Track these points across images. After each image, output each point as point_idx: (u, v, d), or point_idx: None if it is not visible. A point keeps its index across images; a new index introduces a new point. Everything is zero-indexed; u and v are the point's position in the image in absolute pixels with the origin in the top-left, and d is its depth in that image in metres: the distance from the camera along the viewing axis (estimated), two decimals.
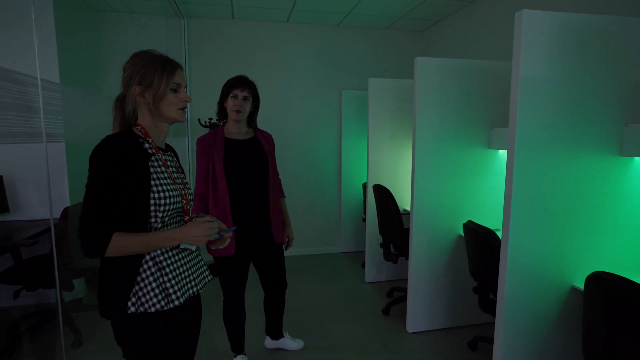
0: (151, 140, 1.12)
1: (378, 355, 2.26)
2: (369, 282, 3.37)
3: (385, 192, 2.67)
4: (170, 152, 1.24)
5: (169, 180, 1.12)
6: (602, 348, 1.27)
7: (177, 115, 1.13)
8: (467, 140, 2.40)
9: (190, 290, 1.17)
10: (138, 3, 3.27)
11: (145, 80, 1.07)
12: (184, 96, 1.13)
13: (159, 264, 1.08)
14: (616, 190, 1.59)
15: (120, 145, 1.02)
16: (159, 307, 1.06)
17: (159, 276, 1.08)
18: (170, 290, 1.09)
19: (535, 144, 1.50)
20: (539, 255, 1.56)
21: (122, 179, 1.00)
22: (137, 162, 1.04)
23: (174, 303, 1.09)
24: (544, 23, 1.42)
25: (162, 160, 1.13)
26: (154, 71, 1.07)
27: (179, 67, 1.13)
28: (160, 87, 1.08)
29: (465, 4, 3.25)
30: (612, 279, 1.20)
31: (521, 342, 1.61)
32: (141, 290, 1.05)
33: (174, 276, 1.11)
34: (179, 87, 1.12)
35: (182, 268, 1.16)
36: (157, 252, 1.08)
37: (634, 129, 1.53)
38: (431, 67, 2.30)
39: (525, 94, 1.45)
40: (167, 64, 1.10)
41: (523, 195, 1.51)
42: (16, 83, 1.97)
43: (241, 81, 1.84)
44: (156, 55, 1.11)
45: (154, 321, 1.08)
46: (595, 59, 1.50)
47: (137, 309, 1.04)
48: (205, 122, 3.51)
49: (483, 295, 2.01)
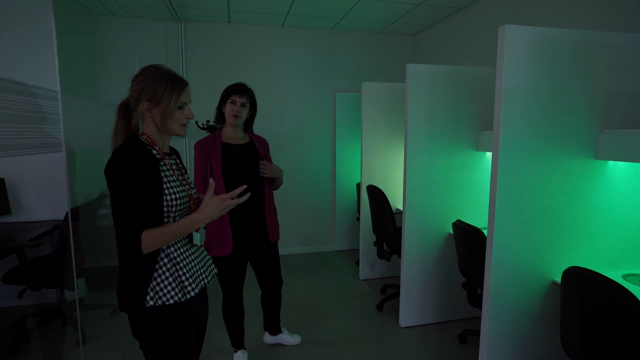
0: (158, 148, 1.19)
1: (372, 348, 2.36)
2: (363, 279, 3.47)
3: (378, 193, 2.77)
4: (174, 155, 1.31)
5: (176, 182, 1.20)
6: (577, 338, 1.38)
7: (179, 131, 1.20)
8: (457, 143, 2.52)
9: (202, 282, 1.27)
10: (135, 7, 3.32)
11: (155, 98, 1.13)
12: (188, 113, 1.20)
13: (174, 260, 1.17)
14: (592, 191, 1.71)
15: (133, 154, 1.10)
16: (177, 299, 1.15)
17: (175, 271, 1.16)
18: (186, 282, 1.18)
19: (517, 148, 1.60)
20: (521, 251, 1.67)
21: (141, 184, 1.08)
22: (150, 168, 1.12)
23: (190, 294, 1.18)
24: (524, 37, 1.53)
25: (169, 164, 1.21)
26: (164, 89, 1.13)
27: (187, 85, 1.20)
28: (169, 106, 1.14)
29: (453, 10, 3.37)
30: (586, 274, 1.31)
31: (506, 333, 1.73)
32: (158, 285, 1.14)
33: (188, 269, 1.20)
34: (185, 105, 1.20)
35: (195, 262, 1.25)
36: (170, 249, 1.17)
37: (608, 134, 1.65)
38: (422, 73, 2.40)
39: (508, 103, 1.56)
40: (177, 83, 1.16)
41: (507, 195, 1.62)
42: (16, 93, 1.98)
43: (240, 88, 1.92)
44: (166, 73, 1.16)
45: (170, 313, 1.16)
46: (572, 70, 1.61)
47: (155, 302, 1.13)
48: (203, 125, 3.57)
49: (471, 290, 2.13)
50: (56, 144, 2.07)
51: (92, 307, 2.86)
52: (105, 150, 1.12)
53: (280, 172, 2.02)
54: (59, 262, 2.30)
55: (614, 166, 1.71)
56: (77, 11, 3.27)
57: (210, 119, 3.69)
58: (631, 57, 1.67)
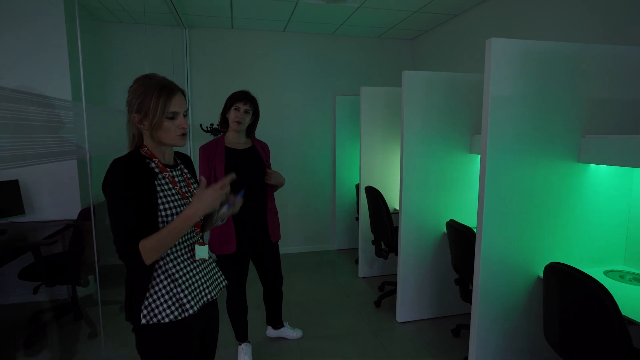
0: (157, 160, 1.14)
1: (370, 342, 2.48)
2: (362, 277, 3.59)
3: (376, 193, 2.88)
4: (180, 165, 1.26)
5: (177, 196, 1.14)
6: (557, 329, 1.50)
7: (176, 141, 1.13)
8: (451, 146, 2.63)
9: (204, 298, 1.20)
10: (142, 14, 3.44)
11: (142, 109, 1.08)
12: (181, 123, 1.12)
13: (172, 276, 1.12)
14: (575, 192, 1.82)
15: (127, 167, 1.06)
16: (172, 318, 1.09)
17: (172, 288, 1.11)
18: (184, 300, 1.12)
19: (504, 151, 1.71)
20: (509, 249, 1.78)
21: (134, 196, 1.04)
22: (144, 181, 1.07)
23: (188, 312, 1.12)
24: (510, 49, 1.64)
25: (169, 178, 1.15)
26: (150, 100, 1.07)
27: (177, 93, 1.11)
28: (155, 117, 1.08)
29: (449, 17, 3.48)
30: (564, 269, 1.42)
31: (494, 327, 1.83)
32: (154, 302, 1.09)
33: (187, 286, 1.14)
34: (176, 115, 1.11)
35: (195, 277, 1.18)
36: (168, 265, 1.12)
37: (590, 140, 1.76)
38: (418, 79, 2.52)
39: (495, 110, 1.67)
40: (163, 92, 1.09)
41: (494, 196, 1.73)
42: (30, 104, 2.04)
43: (244, 96, 2.03)
44: (155, 82, 1.10)
45: (168, 331, 1.11)
46: (556, 79, 1.72)
47: (148, 321, 1.08)
48: (207, 127, 3.69)
49: (463, 286, 2.24)
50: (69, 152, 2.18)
51: (103, 303, 2.98)
52: (121, 154, 1.15)
53: (283, 180, 2.15)
54: (73, 259, 2.41)
55: (595, 169, 1.83)
56: (86, 19, 3.39)
57: (214, 122, 3.81)
58: (613, 68, 1.78)
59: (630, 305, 1.48)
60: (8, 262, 2.30)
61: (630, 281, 1.73)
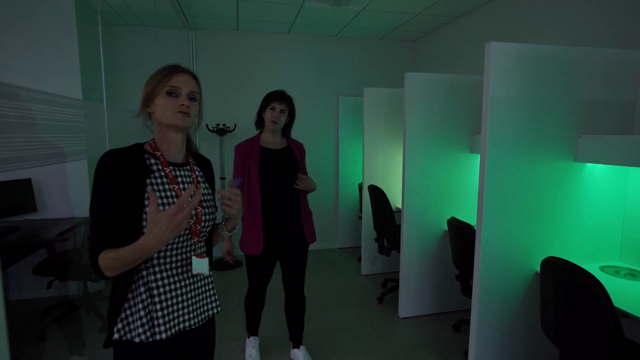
0: (159, 154, 1.02)
1: (372, 337, 2.54)
2: (365, 274, 3.66)
3: (379, 192, 2.95)
4: (192, 164, 1.11)
5: (171, 195, 1.00)
6: (552, 321, 1.56)
7: (173, 120, 0.99)
8: (452, 146, 2.69)
9: (180, 325, 1.01)
10: (149, 17, 3.52)
11: (146, 90, 1.02)
12: (183, 100, 0.99)
13: (150, 290, 0.97)
14: (572, 190, 1.88)
15: (116, 160, 0.94)
16: (143, 339, 0.94)
17: (148, 303, 0.96)
18: (156, 322, 0.96)
19: (503, 151, 1.77)
20: (507, 245, 1.85)
21: (113, 196, 0.92)
22: (131, 178, 0.95)
23: (155, 337, 0.96)
24: (509, 53, 1.71)
25: (169, 176, 1.01)
26: (151, 78, 1.02)
27: (179, 72, 1.01)
28: (154, 92, 1.00)
29: (450, 19, 3.54)
30: (560, 263, 1.48)
31: (493, 321, 1.89)
32: (131, 316, 0.96)
33: (163, 307, 0.97)
34: (177, 90, 0.99)
35: (176, 299, 1.00)
36: (150, 277, 0.97)
37: (586, 139, 1.82)
38: (419, 81, 2.58)
39: (494, 111, 1.73)
40: (164, 69, 1.01)
41: (494, 194, 1.79)
42: (44, 103, 2.09)
43: (279, 95, 1.99)
44: (162, 67, 1.03)
45: (139, 352, 0.97)
46: (552, 81, 1.78)
47: (121, 336, 0.95)
48: (213, 128, 3.77)
49: (464, 282, 2.30)
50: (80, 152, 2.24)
51: None
52: None
53: (314, 185, 2.05)
54: (84, 256, 2.49)
55: (591, 168, 1.89)
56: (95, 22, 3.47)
57: (220, 122, 3.89)
58: (606, 70, 1.84)
59: (624, 298, 1.54)
60: (23, 258, 2.38)
61: (625, 276, 1.80)
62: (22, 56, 2.84)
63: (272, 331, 2.58)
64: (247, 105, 3.92)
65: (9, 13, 2.80)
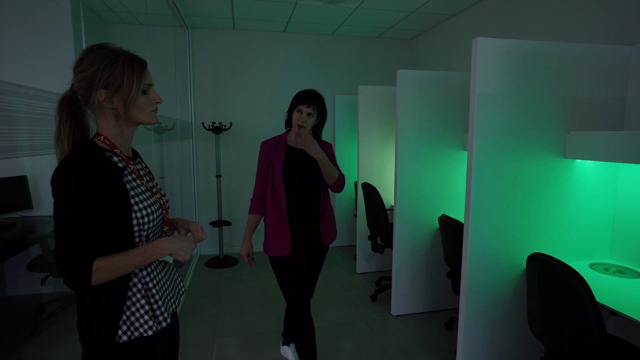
0: (119, 152, 0.98)
1: (364, 334, 2.54)
2: (359, 272, 3.66)
3: (372, 190, 2.95)
4: (138, 157, 1.11)
5: (147, 193, 1.01)
6: (538, 319, 1.56)
7: (150, 118, 0.99)
8: (444, 143, 2.69)
9: (171, 307, 1.09)
10: (145, 15, 3.54)
11: (113, 83, 0.91)
12: (155, 97, 1.00)
13: (146, 285, 0.99)
14: (561, 187, 1.87)
15: (89, 164, 0.88)
16: (150, 332, 0.98)
17: (149, 297, 1.00)
18: (158, 311, 1.01)
19: (491, 147, 1.77)
20: (495, 242, 1.84)
21: (98, 202, 0.88)
22: (111, 180, 0.91)
23: (161, 325, 1.01)
24: (496, 48, 1.70)
25: (134, 171, 1.01)
26: (122, 71, 0.92)
27: (146, 64, 0.99)
28: (132, 91, 0.93)
29: (446, 17, 3.53)
30: (543, 258, 1.48)
31: (481, 318, 1.89)
32: (133, 315, 0.96)
33: (161, 295, 1.03)
34: (149, 87, 0.99)
35: (166, 284, 1.08)
36: (143, 272, 0.99)
37: (575, 135, 1.81)
38: (412, 78, 2.58)
39: (482, 107, 1.73)
40: (135, 62, 0.95)
41: (481, 190, 1.79)
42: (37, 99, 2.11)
43: (307, 98, 1.88)
44: (118, 51, 0.94)
45: (145, 346, 0.99)
46: (541, 77, 1.77)
47: (129, 337, 0.95)
48: (209, 126, 3.78)
49: (455, 279, 2.30)
50: None
51: None
52: None
53: (321, 153, 1.82)
54: None
55: (581, 164, 1.88)
56: (91, 21, 3.49)
57: (215, 120, 3.90)
58: (596, 66, 1.83)
59: (613, 296, 1.54)
60: (18, 253, 2.40)
61: (614, 273, 1.79)
62: (20, 54, 2.86)
63: (263, 328, 2.59)
64: (243, 104, 3.94)
65: (7, 12, 2.83)
